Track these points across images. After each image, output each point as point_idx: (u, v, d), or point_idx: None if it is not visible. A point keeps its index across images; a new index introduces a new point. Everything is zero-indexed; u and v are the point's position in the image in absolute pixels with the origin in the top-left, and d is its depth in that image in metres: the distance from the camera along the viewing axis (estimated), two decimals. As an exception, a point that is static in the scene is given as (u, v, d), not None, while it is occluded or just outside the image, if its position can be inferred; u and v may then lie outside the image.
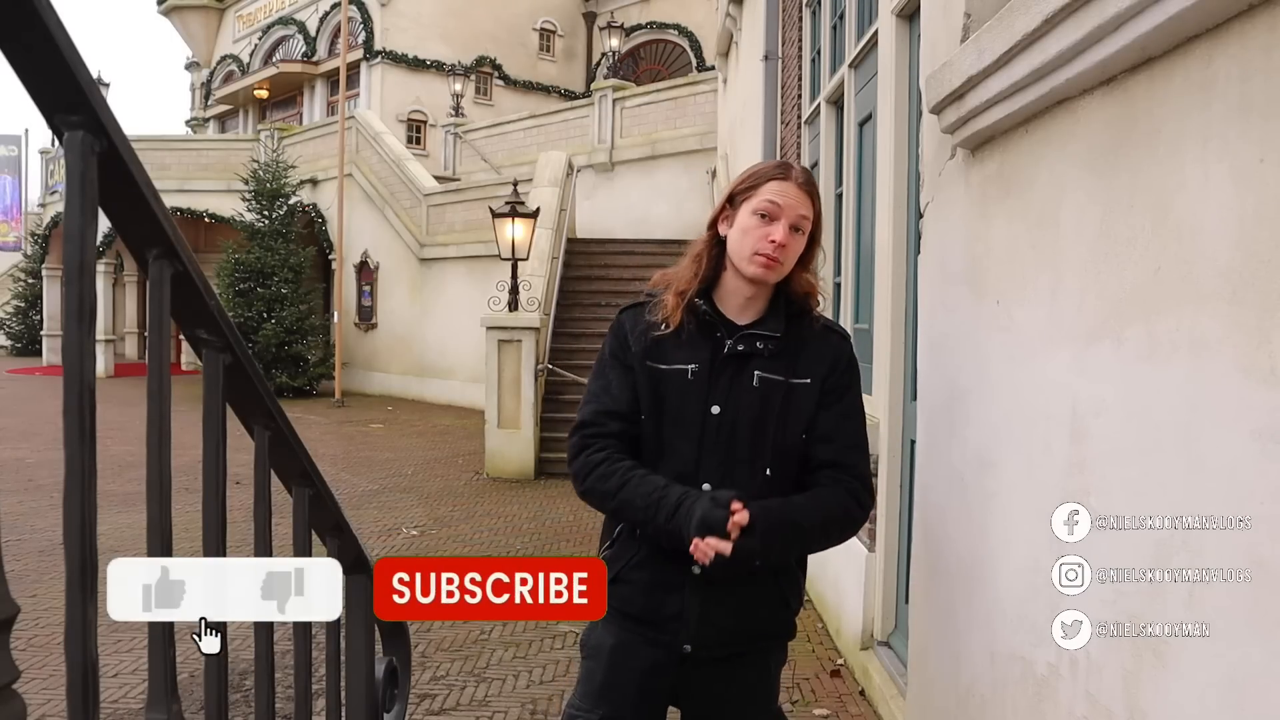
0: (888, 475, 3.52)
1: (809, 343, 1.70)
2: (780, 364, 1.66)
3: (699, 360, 1.64)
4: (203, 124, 27.85)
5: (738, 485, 1.60)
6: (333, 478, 8.06)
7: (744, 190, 1.65)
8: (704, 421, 1.62)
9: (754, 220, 1.62)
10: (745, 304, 1.68)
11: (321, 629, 1.41)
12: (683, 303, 1.64)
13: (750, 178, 1.66)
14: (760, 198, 1.62)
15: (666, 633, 1.64)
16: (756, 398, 1.63)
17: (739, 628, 1.65)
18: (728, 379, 1.63)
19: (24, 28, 0.69)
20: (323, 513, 1.45)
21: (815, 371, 1.68)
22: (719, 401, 1.62)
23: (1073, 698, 1.60)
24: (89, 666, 0.77)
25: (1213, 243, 1.22)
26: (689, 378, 1.63)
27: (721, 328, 1.66)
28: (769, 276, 1.64)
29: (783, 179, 1.63)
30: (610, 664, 1.68)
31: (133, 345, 24.50)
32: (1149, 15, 1.28)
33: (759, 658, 1.73)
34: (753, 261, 1.62)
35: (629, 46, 22.84)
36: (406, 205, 15.71)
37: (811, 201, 1.66)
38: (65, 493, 0.77)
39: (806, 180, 1.67)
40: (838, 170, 4.81)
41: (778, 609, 1.71)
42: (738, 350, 1.64)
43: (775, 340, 1.65)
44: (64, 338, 0.77)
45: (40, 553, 5.66)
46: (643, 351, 1.65)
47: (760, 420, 1.63)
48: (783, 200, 1.62)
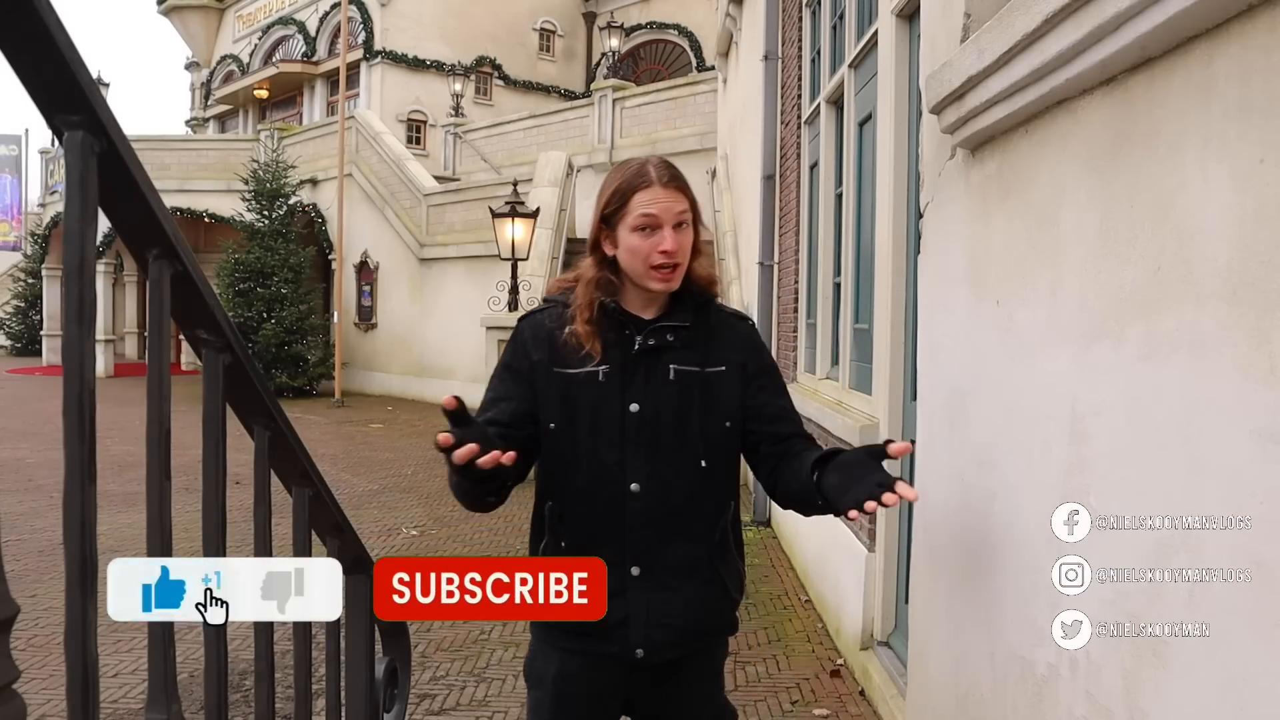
0: (888, 475, 3.51)
1: (718, 331, 1.68)
2: (693, 354, 1.64)
3: (610, 360, 1.61)
4: (203, 124, 27.86)
5: (667, 480, 1.59)
6: (333, 478, 8.06)
7: (614, 210, 1.60)
8: (624, 420, 1.60)
9: (637, 238, 1.57)
10: (650, 300, 1.65)
11: (321, 629, 1.41)
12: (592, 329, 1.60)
13: (615, 196, 1.60)
14: (634, 214, 1.57)
15: (614, 642, 1.60)
16: (675, 391, 1.61)
17: (688, 625, 1.63)
18: (643, 375, 1.61)
19: (24, 28, 0.69)
20: (323, 513, 1.45)
21: (730, 359, 1.66)
22: (637, 398, 1.60)
23: (1073, 698, 1.61)
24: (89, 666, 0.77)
25: (1213, 243, 1.22)
26: (601, 379, 1.60)
27: (630, 324, 1.63)
28: (672, 286, 1.60)
29: (648, 186, 1.58)
30: (555, 693, 1.66)
31: (133, 345, 24.51)
32: (1149, 15, 1.28)
33: (705, 655, 1.72)
34: (651, 277, 1.58)
35: (629, 46, 22.84)
36: (406, 205, 15.71)
37: (681, 194, 1.60)
38: (65, 493, 0.77)
39: (670, 176, 1.61)
40: (838, 170, 4.81)
41: (722, 601, 1.69)
42: (649, 345, 1.61)
43: (685, 330, 1.63)
44: (64, 338, 0.77)
45: (40, 553, 5.66)
46: (548, 358, 1.62)
47: (682, 412, 1.61)
48: (656, 208, 1.57)
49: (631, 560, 1.59)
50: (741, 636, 4.24)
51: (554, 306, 1.67)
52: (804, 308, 5.65)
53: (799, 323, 5.72)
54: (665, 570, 1.61)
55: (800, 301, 5.70)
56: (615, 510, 1.59)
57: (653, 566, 1.60)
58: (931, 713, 2.51)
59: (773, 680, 3.77)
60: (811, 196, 5.43)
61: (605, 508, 1.60)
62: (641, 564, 1.60)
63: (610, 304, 1.61)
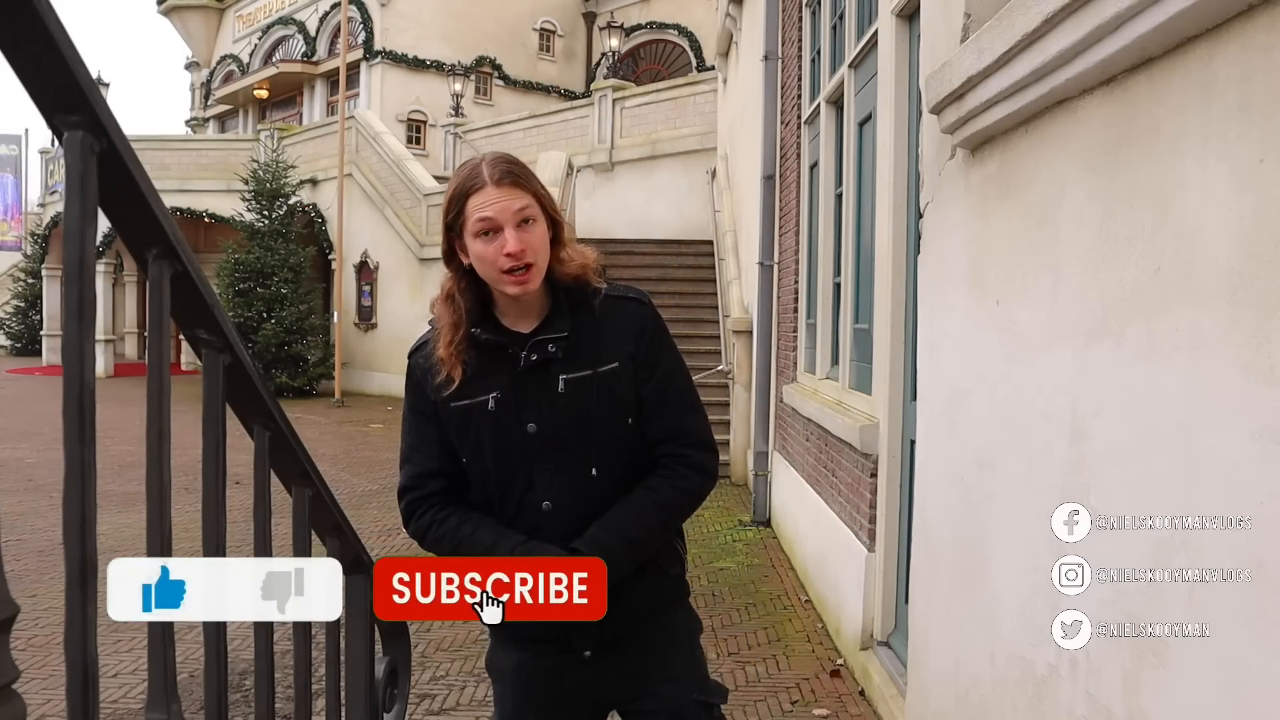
0: (888, 475, 3.52)
1: (603, 323, 1.59)
2: (582, 358, 1.57)
3: (499, 386, 1.56)
4: (203, 124, 27.87)
5: (576, 492, 1.55)
6: (333, 478, 8.06)
7: (454, 218, 1.54)
8: (525, 442, 1.56)
9: (480, 244, 1.50)
10: (524, 309, 1.58)
11: (321, 629, 1.41)
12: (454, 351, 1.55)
13: (450, 205, 1.54)
14: (472, 219, 1.51)
15: (559, 644, 1.60)
16: (569, 401, 1.55)
17: (626, 618, 1.58)
18: (534, 393, 1.56)
19: (24, 28, 0.69)
20: (323, 513, 1.45)
21: (620, 352, 1.59)
22: (533, 418, 1.55)
23: (1073, 698, 1.60)
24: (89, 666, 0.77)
25: (1213, 242, 1.22)
26: (491, 407, 1.56)
27: (512, 344, 1.56)
28: (529, 288, 1.53)
29: (480, 189, 1.51)
30: (516, 683, 1.66)
31: (133, 345, 24.51)
32: (1149, 15, 1.28)
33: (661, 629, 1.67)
34: (505, 282, 1.51)
35: (629, 46, 22.84)
36: (406, 205, 15.71)
37: (520, 189, 1.52)
38: (65, 493, 0.77)
39: (504, 172, 1.52)
40: (838, 170, 4.81)
41: (658, 583, 1.65)
42: (533, 361, 1.55)
43: (565, 339, 1.56)
44: (64, 338, 0.77)
45: (40, 553, 5.66)
46: (445, 394, 1.57)
47: (581, 422, 1.56)
48: (491, 210, 1.50)
49: None
50: (741, 636, 4.24)
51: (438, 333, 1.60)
52: (804, 308, 5.65)
53: (799, 323, 5.72)
54: None
55: (800, 301, 5.70)
56: (533, 532, 1.56)
57: None
58: (931, 713, 2.51)
59: (773, 680, 3.76)
60: (811, 196, 5.44)
61: (524, 529, 1.57)
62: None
63: (479, 334, 1.56)
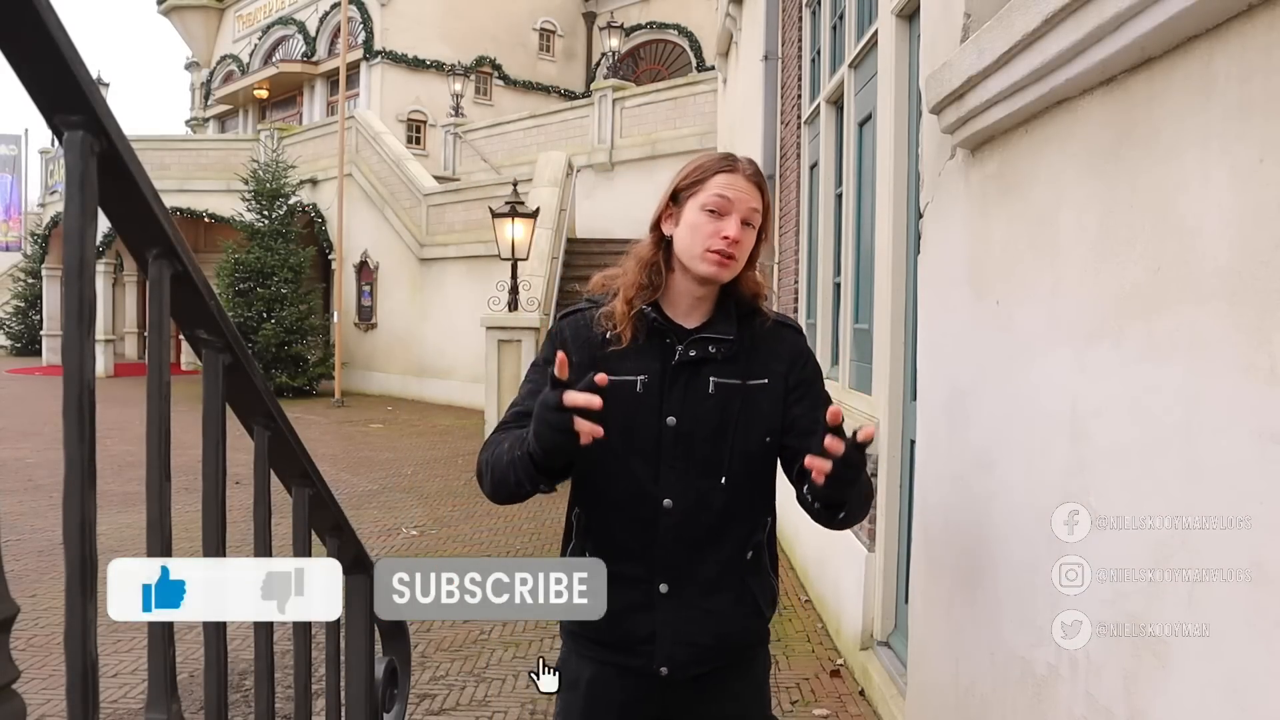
0: (888, 475, 3.52)
1: (762, 342, 1.60)
2: (735, 367, 1.56)
3: (649, 370, 1.54)
4: (203, 124, 27.86)
5: (700, 496, 1.53)
6: (333, 478, 8.06)
7: (689, 185, 1.55)
8: (660, 434, 1.53)
9: (703, 216, 1.52)
10: (693, 305, 1.59)
11: (321, 629, 1.41)
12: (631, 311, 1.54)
13: (695, 171, 1.55)
14: (708, 192, 1.52)
15: (639, 656, 1.56)
16: (714, 404, 1.54)
17: (714, 643, 1.58)
18: (681, 387, 1.54)
19: (24, 28, 0.69)
20: (323, 513, 1.44)
21: (773, 370, 1.59)
22: (674, 411, 1.53)
23: (1073, 698, 1.60)
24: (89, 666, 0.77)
25: (1212, 243, 1.22)
26: (638, 389, 1.53)
27: (671, 334, 1.56)
28: (723, 275, 1.54)
29: (730, 171, 1.53)
30: (588, 697, 1.61)
31: (133, 345, 24.51)
32: (1149, 15, 1.28)
33: (743, 669, 1.65)
34: (705, 259, 1.52)
35: (629, 46, 22.84)
36: (406, 205, 15.71)
37: (760, 194, 1.55)
38: (65, 493, 0.77)
39: (755, 172, 1.57)
40: (838, 170, 4.81)
41: (752, 618, 1.63)
42: (690, 356, 1.54)
43: (729, 343, 1.56)
44: (64, 338, 0.77)
45: (40, 553, 5.66)
46: (588, 362, 1.53)
47: (720, 427, 1.55)
48: (733, 194, 1.52)
49: (660, 577, 1.53)
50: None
51: (594, 307, 1.60)
52: (804, 307, 5.65)
53: (799, 322, 5.72)
54: (694, 587, 1.55)
55: (800, 301, 5.70)
56: (646, 526, 1.53)
57: (681, 583, 1.55)
58: (931, 713, 2.51)
59: (773, 680, 3.76)
60: (811, 196, 5.43)
61: (636, 522, 1.54)
62: (670, 580, 1.54)
63: (650, 312, 1.55)
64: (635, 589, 1.54)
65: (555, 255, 12.03)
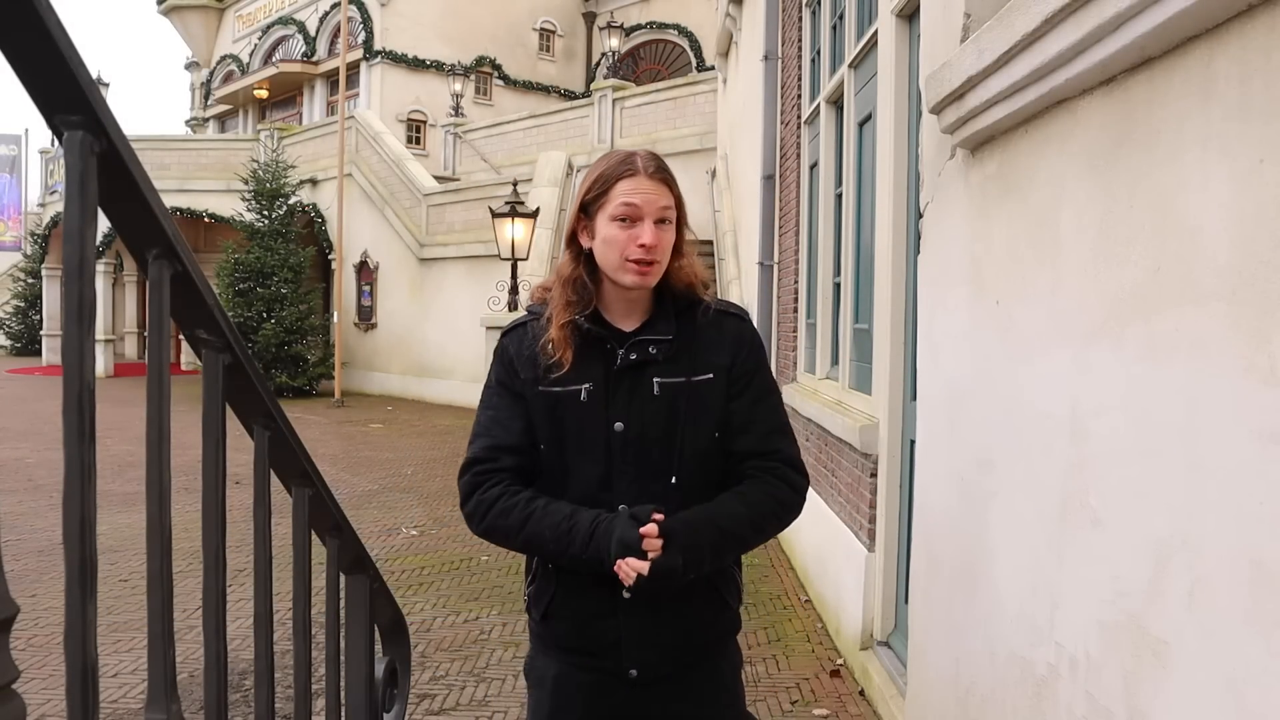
0: (888, 475, 3.52)
1: (704, 334, 1.59)
2: (678, 365, 1.55)
3: (592, 378, 1.54)
4: (203, 124, 27.88)
5: (652, 499, 1.51)
6: (333, 478, 8.07)
7: (595, 197, 1.53)
8: (609, 439, 1.53)
9: (615, 228, 1.50)
10: (629, 308, 1.58)
11: (321, 629, 1.41)
12: (566, 332, 1.54)
13: (598, 182, 1.53)
14: (615, 202, 1.50)
15: (609, 659, 1.57)
16: (660, 405, 1.54)
17: (681, 642, 1.58)
18: (626, 391, 1.54)
19: (24, 28, 0.69)
20: (322, 513, 1.45)
21: (717, 363, 1.57)
22: (621, 416, 1.53)
23: (1073, 698, 1.60)
24: (89, 666, 0.77)
25: (1212, 243, 1.22)
26: (583, 398, 1.53)
27: (611, 339, 1.55)
28: (647, 282, 1.53)
29: (632, 175, 1.50)
30: (554, 691, 1.62)
31: (133, 345, 24.52)
32: (1149, 15, 1.28)
33: (709, 665, 1.65)
34: (626, 270, 1.51)
35: (629, 46, 22.85)
36: (406, 205, 15.72)
37: (668, 188, 1.53)
38: (65, 493, 0.76)
39: (657, 167, 1.54)
40: (838, 170, 4.81)
41: (718, 613, 1.63)
42: (631, 360, 1.54)
43: (668, 343, 1.55)
44: (63, 338, 0.77)
45: (40, 553, 5.66)
46: (533, 377, 1.55)
47: (669, 428, 1.54)
48: (639, 198, 1.49)
49: (621, 582, 1.49)
50: (741, 636, 4.23)
51: (536, 319, 1.60)
52: (804, 308, 5.65)
53: (799, 323, 5.72)
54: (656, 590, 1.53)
55: (800, 301, 5.70)
56: None
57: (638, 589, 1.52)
58: (931, 713, 2.51)
59: (773, 680, 3.77)
60: (811, 196, 5.44)
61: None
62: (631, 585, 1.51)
63: (584, 323, 1.54)
64: (598, 595, 1.55)
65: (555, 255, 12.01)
